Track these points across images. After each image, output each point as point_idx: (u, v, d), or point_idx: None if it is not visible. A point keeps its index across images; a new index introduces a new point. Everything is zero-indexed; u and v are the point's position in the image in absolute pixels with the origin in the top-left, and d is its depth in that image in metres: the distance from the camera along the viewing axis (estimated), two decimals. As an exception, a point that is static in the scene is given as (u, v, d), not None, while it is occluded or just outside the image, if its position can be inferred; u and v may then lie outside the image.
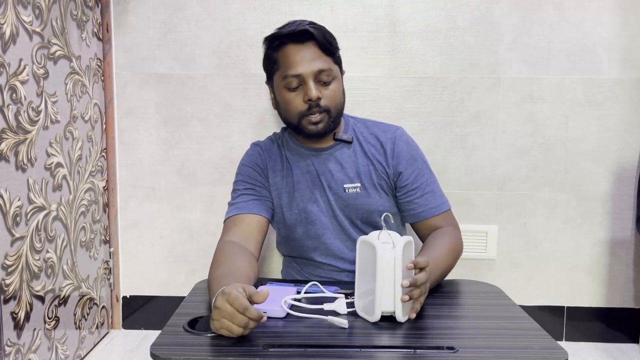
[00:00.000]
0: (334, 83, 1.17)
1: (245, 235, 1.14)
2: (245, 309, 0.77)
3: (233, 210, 1.21)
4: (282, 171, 1.26)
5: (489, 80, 1.69)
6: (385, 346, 0.81)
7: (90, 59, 1.62)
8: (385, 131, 1.27)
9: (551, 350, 0.80)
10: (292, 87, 1.15)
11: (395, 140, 1.25)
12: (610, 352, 1.71)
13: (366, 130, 1.27)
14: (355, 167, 1.23)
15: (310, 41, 1.15)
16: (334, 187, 1.22)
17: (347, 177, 1.22)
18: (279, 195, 1.25)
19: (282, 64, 1.16)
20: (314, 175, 1.23)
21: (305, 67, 1.13)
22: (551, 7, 1.65)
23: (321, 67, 1.14)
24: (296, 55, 1.14)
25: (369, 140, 1.26)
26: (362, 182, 1.22)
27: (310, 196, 1.23)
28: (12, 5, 1.21)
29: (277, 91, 1.20)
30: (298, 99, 1.15)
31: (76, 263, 1.55)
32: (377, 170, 1.23)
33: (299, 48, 1.15)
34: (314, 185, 1.23)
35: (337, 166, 1.23)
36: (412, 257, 0.91)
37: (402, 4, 1.67)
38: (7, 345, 1.22)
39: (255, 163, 1.27)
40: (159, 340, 0.81)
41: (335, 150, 1.24)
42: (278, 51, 1.18)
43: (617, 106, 1.68)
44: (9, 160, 1.22)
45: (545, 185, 1.72)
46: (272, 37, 1.19)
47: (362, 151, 1.24)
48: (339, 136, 1.23)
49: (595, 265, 1.75)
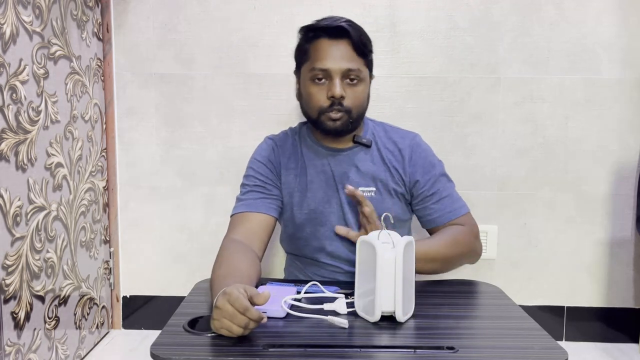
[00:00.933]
0: (361, 85, 1.15)
1: (251, 234, 1.14)
2: (245, 309, 0.77)
3: (241, 207, 1.19)
4: (296, 169, 1.23)
5: (489, 80, 1.69)
6: (385, 346, 0.81)
7: (90, 59, 1.62)
8: (403, 137, 1.25)
9: (551, 350, 0.80)
10: (318, 80, 1.14)
11: (413, 148, 1.23)
12: (610, 352, 1.71)
13: (384, 135, 1.25)
14: (371, 172, 1.21)
15: (344, 38, 1.14)
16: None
17: (362, 181, 1.20)
18: (290, 194, 1.22)
19: (313, 56, 1.15)
20: (328, 175, 1.21)
21: (334, 63, 1.12)
22: (551, 7, 1.65)
23: (350, 67, 1.13)
24: (328, 50, 1.13)
25: (387, 145, 1.23)
26: (378, 187, 1.20)
27: (322, 197, 1.21)
28: (12, 5, 1.21)
29: (303, 82, 1.19)
30: (321, 94, 1.14)
31: (76, 263, 1.55)
32: (394, 177, 1.21)
33: (332, 43, 1.14)
34: (327, 186, 1.21)
35: (353, 168, 1.21)
36: (412, 257, 0.91)
37: (402, 4, 1.67)
38: (7, 345, 1.22)
39: (267, 159, 1.24)
40: (159, 340, 0.81)
41: (353, 152, 1.22)
42: (311, 43, 1.17)
43: (617, 106, 1.68)
44: (9, 160, 1.22)
45: (545, 185, 1.72)
46: (307, 28, 1.18)
47: (379, 156, 1.22)
48: (358, 139, 1.21)
49: (595, 265, 1.75)
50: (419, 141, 1.26)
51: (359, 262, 0.92)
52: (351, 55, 1.14)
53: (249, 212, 1.17)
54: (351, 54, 1.14)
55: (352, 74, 1.13)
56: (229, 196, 1.76)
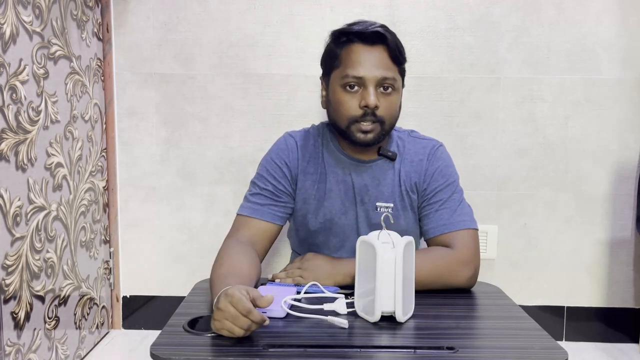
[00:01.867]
0: (395, 94, 1.09)
1: (254, 240, 1.12)
2: (248, 312, 0.77)
3: (247, 210, 1.15)
4: (315, 174, 1.17)
5: (489, 80, 1.69)
6: (385, 346, 0.81)
7: (90, 59, 1.62)
8: (424, 147, 1.18)
9: (551, 350, 0.80)
10: (350, 88, 1.07)
11: (430, 158, 1.16)
12: (610, 352, 1.71)
13: (408, 145, 1.19)
14: (391, 186, 1.16)
15: (380, 45, 1.07)
16: (367, 203, 1.16)
17: (381, 195, 1.15)
18: (305, 200, 1.17)
19: (345, 62, 1.08)
20: (349, 186, 1.16)
21: (369, 71, 1.05)
22: (551, 7, 1.65)
23: (386, 75, 1.06)
24: (362, 56, 1.07)
25: (410, 157, 1.17)
26: (396, 202, 1.16)
27: (340, 207, 1.16)
28: (12, 5, 1.21)
29: (332, 89, 1.11)
30: (353, 102, 1.07)
31: (76, 263, 1.55)
32: (411, 189, 1.16)
33: (367, 49, 1.07)
34: (346, 197, 1.16)
35: (375, 182, 1.15)
36: (412, 258, 0.91)
37: (402, 4, 1.67)
38: (7, 345, 1.22)
39: (284, 161, 1.17)
40: (159, 340, 0.81)
41: (376, 165, 1.16)
42: (343, 48, 1.09)
43: (617, 106, 1.68)
44: (9, 160, 1.22)
45: (545, 185, 1.72)
46: (339, 32, 1.11)
47: (401, 170, 1.17)
48: (383, 151, 1.14)
49: (595, 265, 1.75)
50: (437, 151, 1.18)
51: (359, 262, 0.92)
52: (387, 62, 1.07)
53: (254, 217, 1.14)
54: (387, 62, 1.07)
55: (387, 82, 1.07)
56: (229, 196, 1.76)
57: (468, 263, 1.07)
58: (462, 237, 1.10)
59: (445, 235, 1.11)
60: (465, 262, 1.07)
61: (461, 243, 1.09)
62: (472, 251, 1.09)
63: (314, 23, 1.67)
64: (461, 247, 1.08)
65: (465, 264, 1.07)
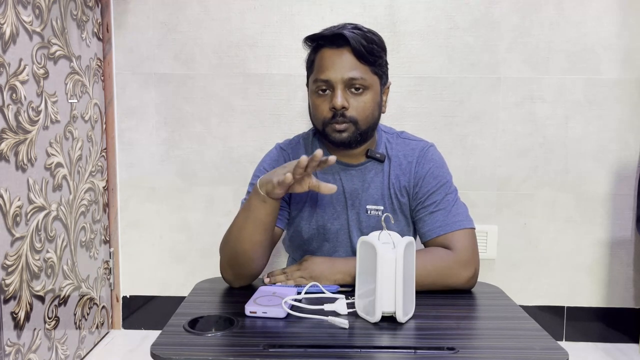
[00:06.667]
0: (367, 94, 1.10)
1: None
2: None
3: None
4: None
5: (489, 80, 1.69)
6: (386, 347, 0.81)
7: (90, 59, 1.62)
8: (414, 149, 1.18)
9: (551, 351, 0.80)
10: (322, 92, 1.10)
11: (420, 160, 1.17)
12: (610, 352, 1.71)
13: (397, 146, 1.19)
14: (381, 188, 1.16)
15: (345, 46, 1.08)
16: (357, 207, 1.17)
17: (371, 198, 1.16)
18: (298, 208, 1.19)
19: (316, 67, 1.11)
20: (339, 191, 1.17)
21: (334, 74, 1.07)
22: (551, 7, 1.65)
23: (352, 76, 1.07)
24: (329, 60, 1.09)
25: (399, 159, 1.17)
26: (385, 204, 1.16)
27: (332, 213, 1.17)
28: (12, 5, 1.21)
29: (309, 94, 1.14)
30: (325, 105, 1.09)
31: (76, 263, 1.55)
32: (402, 193, 1.16)
33: (333, 52, 1.09)
34: (337, 202, 1.17)
35: (364, 185, 1.16)
36: (413, 258, 0.91)
37: (402, 4, 1.67)
38: (7, 345, 1.22)
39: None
40: (159, 340, 0.81)
41: (365, 168, 1.17)
42: (316, 53, 1.12)
43: (617, 106, 1.68)
44: (9, 160, 1.22)
45: (545, 185, 1.72)
46: (309, 38, 1.13)
47: (390, 171, 1.17)
48: (371, 153, 1.15)
49: (595, 265, 1.75)
50: (427, 152, 1.18)
51: (359, 263, 0.92)
52: (353, 63, 1.08)
53: None
54: (353, 62, 1.08)
55: (356, 82, 1.08)
56: (228, 196, 1.76)
57: (468, 264, 1.07)
58: (460, 238, 1.10)
59: (442, 237, 1.11)
60: (465, 263, 1.07)
61: (460, 244, 1.09)
62: (471, 251, 1.09)
63: (314, 23, 1.67)
64: (460, 248, 1.08)
65: (465, 265, 1.07)
